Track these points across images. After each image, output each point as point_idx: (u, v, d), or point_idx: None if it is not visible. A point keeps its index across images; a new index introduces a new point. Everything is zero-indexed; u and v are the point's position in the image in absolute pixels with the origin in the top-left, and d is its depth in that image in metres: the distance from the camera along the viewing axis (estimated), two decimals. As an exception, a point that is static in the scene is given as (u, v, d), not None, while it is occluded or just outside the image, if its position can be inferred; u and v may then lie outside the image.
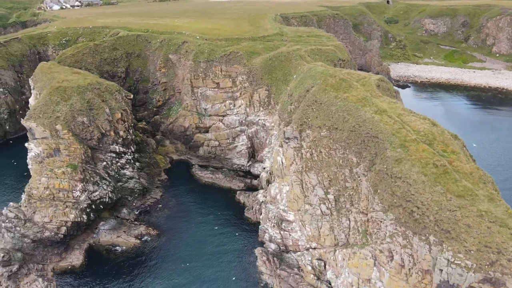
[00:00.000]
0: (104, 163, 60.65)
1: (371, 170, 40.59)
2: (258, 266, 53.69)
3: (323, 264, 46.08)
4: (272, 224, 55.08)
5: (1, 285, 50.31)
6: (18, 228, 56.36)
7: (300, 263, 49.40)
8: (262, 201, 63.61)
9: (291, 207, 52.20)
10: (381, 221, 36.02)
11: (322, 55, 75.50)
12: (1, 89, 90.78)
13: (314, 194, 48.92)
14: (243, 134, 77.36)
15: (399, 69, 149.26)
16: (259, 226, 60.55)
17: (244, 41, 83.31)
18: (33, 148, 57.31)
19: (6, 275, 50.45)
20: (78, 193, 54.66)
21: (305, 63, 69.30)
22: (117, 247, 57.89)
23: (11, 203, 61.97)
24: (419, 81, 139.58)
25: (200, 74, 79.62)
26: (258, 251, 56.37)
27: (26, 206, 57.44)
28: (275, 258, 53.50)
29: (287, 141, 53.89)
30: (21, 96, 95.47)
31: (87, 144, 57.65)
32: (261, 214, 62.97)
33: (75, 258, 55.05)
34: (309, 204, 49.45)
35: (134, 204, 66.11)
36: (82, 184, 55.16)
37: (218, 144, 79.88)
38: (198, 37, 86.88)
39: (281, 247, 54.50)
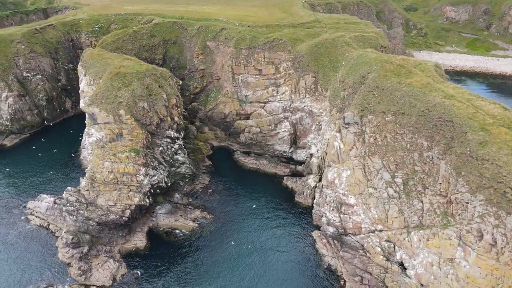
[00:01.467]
0: (161, 148, 61.63)
1: (448, 153, 41.45)
2: (318, 248, 55.09)
3: (392, 245, 47.31)
4: (331, 208, 56.24)
5: (72, 266, 51.77)
6: (81, 212, 57.67)
7: (365, 245, 50.64)
8: (314, 186, 64.81)
9: (352, 191, 53.25)
10: (467, 202, 37.05)
11: (365, 42, 75.77)
12: (40, 76, 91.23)
13: (379, 178, 49.91)
14: (286, 120, 78.08)
15: (421, 57, 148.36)
16: (313, 210, 61.87)
17: (284, 28, 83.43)
18: (94, 133, 58.27)
19: (77, 256, 51.89)
20: (141, 177, 55.74)
21: (352, 49, 69.75)
22: (176, 230, 59.22)
23: (69, 187, 63.33)
24: (443, 69, 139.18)
25: (242, 61, 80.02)
26: (315, 234, 57.77)
27: (87, 190, 58.65)
28: (335, 241, 54.84)
29: (346, 126, 54.70)
30: (57, 83, 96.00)
31: (147, 129, 58.52)
32: (313, 198, 64.34)
33: (139, 240, 56.43)
34: (373, 188, 50.48)
35: (185, 189, 67.27)
36: (144, 168, 56.22)
37: (259, 131, 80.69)
38: (237, 24, 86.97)
39: (339, 230, 55.77)
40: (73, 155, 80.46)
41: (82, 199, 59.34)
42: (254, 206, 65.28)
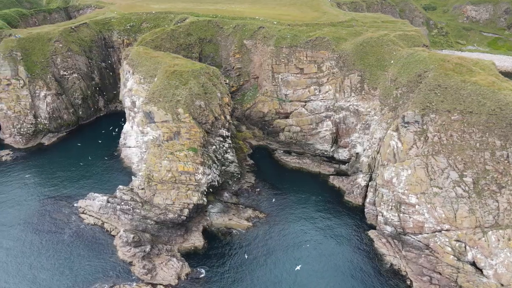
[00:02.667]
0: (214, 147, 61.46)
1: (527, 152, 41.22)
2: (378, 247, 54.88)
3: (463, 245, 47.08)
4: (389, 207, 56.01)
5: (135, 265, 51.65)
6: (137, 210, 57.54)
7: (431, 244, 50.38)
8: (365, 185, 64.63)
9: (413, 190, 53.00)
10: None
11: (409, 40, 75.47)
12: (76, 75, 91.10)
13: (444, 177, 49.67)
14: (327, 119, 77.81)
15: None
16: (365, 209, 61.75)
17: (324, 26, 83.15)
18: (150, 132, 58.09)
19: (140, 255, 51.76)
20: (200, 176, 55.55)
21: (399, 48, 69.47)
22: (232, 229, 59.04)
23: (120, 186, 63.29)
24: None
25: (283, 60, 79.80)
26: (372, 233, 57.60)
27: (143, 189, 58.53)
28: (395, 240, 54.64)
29: (405, 125, 54.44)
30: (91, 81, 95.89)
31: (203, 128, 58.33)
32: (363, 197, 64.20)
33: (196, 239, 56.26)
34: (438, 187, 50.24)
35: (233, 188, 67.11)
36: (202, 167, 56.05)
37: (299, 130, 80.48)
38: (275, 23, 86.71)
39: (397, 229, 55.53)
40: (115, 153, 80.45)
41: (137, 197, 59.24)
42: (303, 205, 65.09)
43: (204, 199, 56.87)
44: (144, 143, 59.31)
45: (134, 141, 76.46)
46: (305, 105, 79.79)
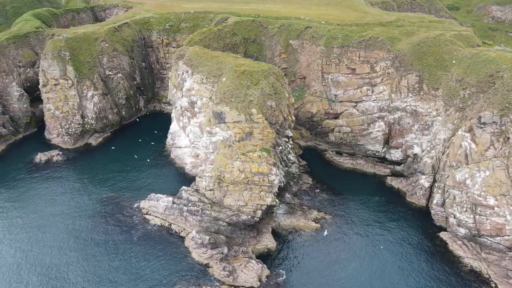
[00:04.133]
0: (280, 147, 61.03)
1: None
2: (453, 250, 54.38)
3: (554, 247, 46.67)
4: (463, 209, 55.43)
5: (212, 267, 51.18)
6: (207, 212, 57.07)
7: (516, 247, 49.90)
8: (429, 186, 64.12)
9: (491, 192, 52.45)
10: None
11: (464, 40, 74.70)
12: (120, 75, 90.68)
13: (528, 179, 49.08)
14: (380, 120, 77.19)
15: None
16: (431, 211, 61.24)
17: (374, 26, 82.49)
18: (219, 132, 57.63)
19: (218, 257, 51.31)
20: (273, 177, 55.06)
21: (459, 48, 68.90)
22: (300, 231, 58.56)
23: (184, 187, 62.88)
24: None
25: (333, 60, 79.21)
26: (444, 235, 57.12)
27: (211, 190, 58.05)
28: (471, 242, 54.09)
29: (482, 126, 53.91)
30: (133, 81, 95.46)
31: (273, 128, 57.88)
32: (427, 199, 63.75)
33: (268, 241, 55.77)
34: (521, 189, 49.67)
35: (293, 189, 66.64)
36: (275, 168, 55.57)
37: (350, 131, 79.84)
38: (323, 23, 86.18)
39: (472, 231, 54.97)
40: (163, 154, 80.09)
41: (204, 198, 58.76)
42: (366, 206, 64.68)
43: (277, 200, 56.40)
44: (211, 143, 58.77)
45: (186, 142, 76.26)
46: (356, 105, 79.14)
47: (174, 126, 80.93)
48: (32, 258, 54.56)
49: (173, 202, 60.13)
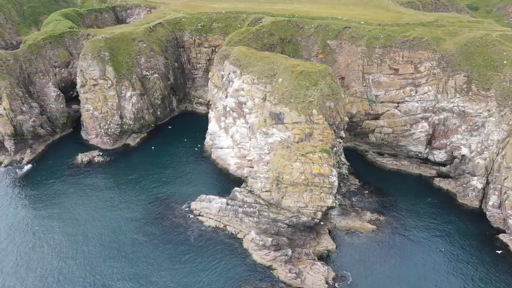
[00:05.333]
0: (335, 148, 60.55)
1: None
2: (517, 251, 53.92)
3: None
4: (525, 210, 54.95)
5: (276, 269, 50.75)
6: (265, 213, 56.64)
7: None
8: (482, 188, 63.64)
9: (556, 193, 51.95)
10: None
11: (510, 40, 74.27)
12: (156, 75, 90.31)
13: None
14: (423, 121, 76.66)
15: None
16: (487, 212, 60.72)
17: (415, 26, 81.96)
18: (276, 133, 57.19)
19: (282, 259, 50.92)
20: (333, 178, 54.61)
21: (509, 48, 68.39)
22: (357, 232, 58.12)
23: (237, 188, 62.49)
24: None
25: (375, 60, 78.72)
26: (505, 237, 56.79)
27: (268, 191, 57.63)
28: (534, 244, 53.65)
29: (544, 127, 53.39)
30: (167, 81, 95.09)
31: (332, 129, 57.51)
32: (481, 200, 63.30)
33: (327, 242, 55.38)
34: None
35: (342, 190, 66.18)
36: (335, 169, 55.15)
37: (391, 131, 79.34)
38: (362, 23, 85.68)
39: (533, 233, 54.53)
40: (203, 154, 79.76)
41: (260, 200, 58.34)
42: (418, 207, 64.26)
43: (337, 202, 55.98)
44: (267, 144, 58.32)
45: (228, 142, 75.94)
46: (398, 106, 78.63)
47: (213, 127, 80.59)
48: (92, 260, 54.21)
49: (227, 204, 59.73)
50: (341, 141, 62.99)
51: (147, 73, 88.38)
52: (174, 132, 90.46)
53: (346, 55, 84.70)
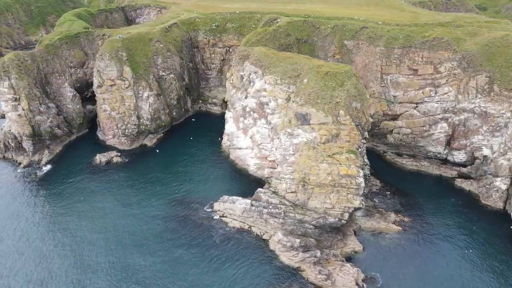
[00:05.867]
0: (360, 149, 60.24)
1: None
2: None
3: None
4: (552, 212, 54.70)
5: (305, 270, 50.52)
6: (290, 214, 56.40)
7: None
8: (506, 188, 63.38)
9: None
10: None
11: (530, 41, 74.07)
12: (172, 75, 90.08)
13: None
14: (443, 121, 76.39)
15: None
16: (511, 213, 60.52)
17: (433, 27, 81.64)
18: (301, 134, 56.96)
19: (311, 260, 50.67)
20: (360, 180, 54.34)
21: (531, 49, 68.12)
22: (383, 233, 57.86)
23: (260, 189, 62.26)
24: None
25: (394, 61, 78.47)
26: (532, 238, 56.37)
27: (293, 192, 57.38)
28: (562, 245, 53.38)
29: None
30: (183, 82, 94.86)
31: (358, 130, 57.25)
32: (505, 201, 63.05)
33: (354, 243, 55.14)
34: None
35: (364, 190, 65.73)
36: (362, 170, 54.90)
37: (410, 132, 79.07)
38: (380, 23, 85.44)
39: (561, 235, 54.28)
40: (221, 155, 79.55)
41: (285, 201, 58.11)
42: (441, 208, 64.03)
43: (363, 203, 55.74)
44: (291, 145, 58.06)
45: (246, 143, 75.71)
46: (417, 106, 78.39)
47: (230, 127, 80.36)
48: (117, 262, 53.99)
49: (251, 205, 59.50)
50: (365, 141, 62.69)
51: (163, 73, 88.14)
52: (190, 133, 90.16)
53: (364, 56, 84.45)
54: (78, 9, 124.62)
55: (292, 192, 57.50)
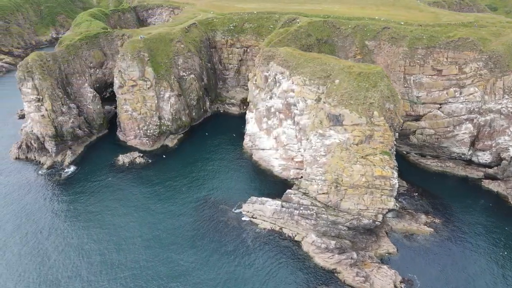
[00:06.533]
0: (391, 150, 59.91)
1: None
2: None
3: None
4: None
5: (341, 272, 50.18)
6: (323, 216, 56.08)
7: None
8: (537, 190, 62.97)
9: None
10: None
11: (556, 42, 73.70)
12: (192, 75, 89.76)
13: None
14: (467, 122, 76.00)
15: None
16: (543, 215, 60.13)
17: (457, 27, 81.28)
18: (333, 135, 56.61)
19: (347, 262, 50.34)
20: (394, 181, 54.00)
21: (559, 49, 67.75)
22: (415, 235, 57.50)
23: (290, 190, 61.86)
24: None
25: (418, 61, 78.14)
26: None
27: (325, 193, 57.05)
28: None
29: None
30: (201, 82, 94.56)
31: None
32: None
33: (388, 245, 54.81)
34: None
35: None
36: (396, 171, 54.55)
37: (433, 133, 78.71)
38: (402, 23, 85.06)
39: None
40: (245, 155, 79.27)
41: (317, 202, 57.77)
42: (471, 210, 63.68)
43: (397, 204, 55.39)
44: (323, 146, 57.72)
45: (270, 143, 75.44)
46: (441, 107, 78.03)
47: (252, 128, 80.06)
48: (150, 268, 53.77)
49: (282, 206, 59.18)
50: (395, 143, 62.35)
51: (183, 73, 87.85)
52: (210, 133, 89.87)
53: (386, 56, 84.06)
54: (93, 9, 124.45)
55: (324, 193, 57.17)
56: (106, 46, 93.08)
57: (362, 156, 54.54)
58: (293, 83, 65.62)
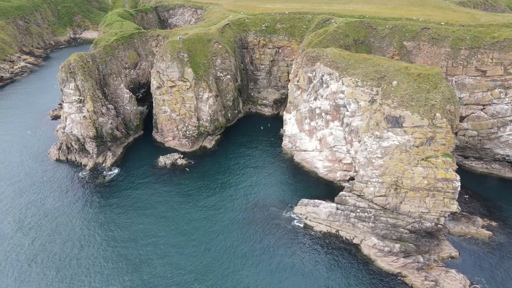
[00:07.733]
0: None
1: None
2: None
3: None
4: None
5: (407, 276, 49.49)
6: (382, 218, 55.38)
7: None
8: None
9: None
10: None
11: None
12: (229, 76, 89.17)
13: None
14: (512, 123, 75.36)
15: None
16: None
17: (500, 27, 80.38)
18: (392, 136, 55.90)
19: (413, 266, 49.67)
20: (457, 183, 53.17)
21: None
22: (473, 238, 56.74)
23: (344, 192, 61.16)
24: None
25: (461, 62, 77.39)
26: None
27: (383, 195, 56.37)
28: None
29: None
30: (236, 82, 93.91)
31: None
32: None
33: (449, 248, 54.02)
34: None
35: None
36: (458, 174, 53.83)
37: (476, 134, 77.95)
38: (442, 23, 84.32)
39: None
40: (285, 157, 78.61)
41: (373, 205, 57.10)
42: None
43: (459, 207, 54.67)
44: (380, 148, 57.01)
45: (312, 145, 74.84)
46: (485, 108, 77.28)
47: (291, 129, 79.46)
48: (200, 274, 53.20)
49: (337, 208, 58.51)
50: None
51: (221, 74, 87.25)
52: (246, 134, 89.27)
53: (425, 57, 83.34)
54: (119, 10, 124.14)
55: (381, 196, 56.48)
56: (140, 47, 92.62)
57: (423, 159, 53.82)
58: (343, 84, 64.95)
